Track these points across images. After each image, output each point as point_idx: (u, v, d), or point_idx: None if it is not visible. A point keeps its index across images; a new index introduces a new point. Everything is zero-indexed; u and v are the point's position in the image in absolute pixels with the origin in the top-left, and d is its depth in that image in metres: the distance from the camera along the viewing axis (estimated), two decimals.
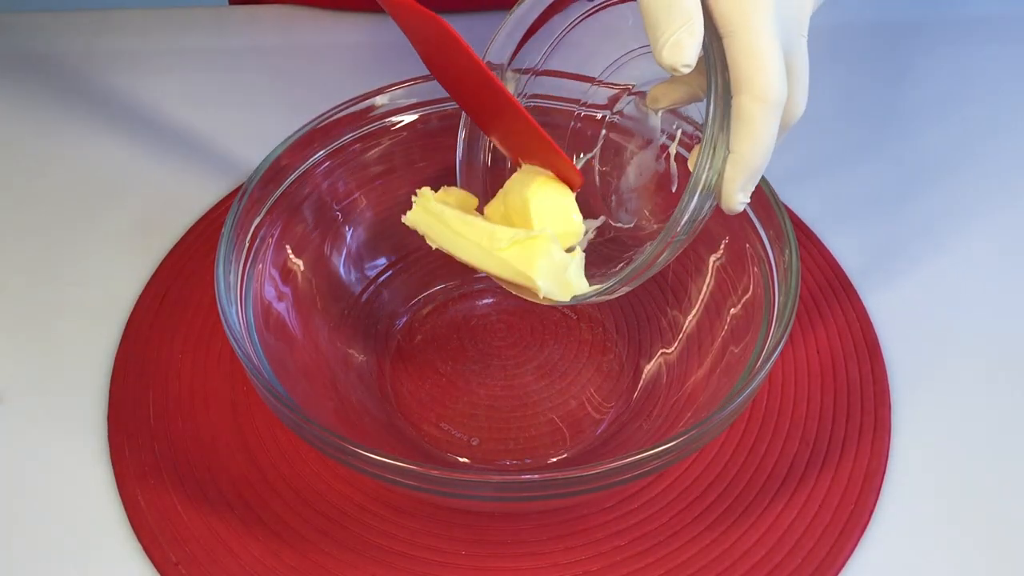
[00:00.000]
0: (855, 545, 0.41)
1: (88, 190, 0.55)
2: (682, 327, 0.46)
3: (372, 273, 0.48)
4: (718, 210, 0.38)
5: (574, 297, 0.39)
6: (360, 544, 0.40)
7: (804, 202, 0.55)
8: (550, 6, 0.39)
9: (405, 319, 0.48)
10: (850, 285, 0.50)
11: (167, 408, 0.45)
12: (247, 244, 0.41)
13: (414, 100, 0.46)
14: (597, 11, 0.39)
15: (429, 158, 0.48)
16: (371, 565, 0.40)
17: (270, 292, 0.42)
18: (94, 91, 0.61)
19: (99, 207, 0.54)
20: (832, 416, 0.45)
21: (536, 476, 0.34)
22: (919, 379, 0.47)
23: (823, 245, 0.53)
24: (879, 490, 0.42)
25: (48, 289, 0.50)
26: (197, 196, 0.54)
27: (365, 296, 0.48)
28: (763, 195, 0.41)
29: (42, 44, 0.64)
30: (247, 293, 0.40)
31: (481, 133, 0.43)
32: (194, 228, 0.53)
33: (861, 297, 0.50)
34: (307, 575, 0.39)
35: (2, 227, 0.53)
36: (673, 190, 0.42)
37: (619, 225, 0.43)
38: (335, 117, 0.44)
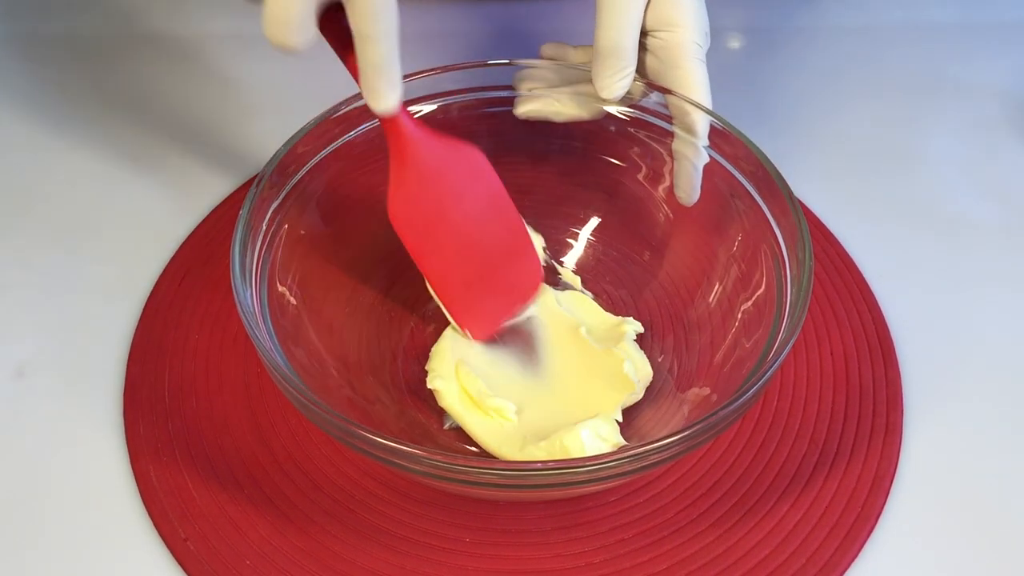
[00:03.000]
0: (860, 548, 0.40)
1: (111, 170, 0.56)
2: (694, 321, 0.46)
3: (387, 261, 0.48)
4: (732, 212, 0.39)
5: None
6: (366, 527, 0.41)
7: (824, 203, 0.54)
8: None
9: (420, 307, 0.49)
10: (867, 287, 0.50)
11: (182, 386, 0.45)
12: (264, 229, 0.41)
13: (432, 91, 0.46)
14: None
15: None
16: (376, 548, 0.40)
17: (285, 277, 0.43)
18: (118, 73, 0.62)
19: (121, 187, 0.55)
20: (843, 418, 0.44)
21: (539, 465, 0.34)
22: (933, 384, 0.46)
23: (841, 247, 0.52)
24: (887, 494, 0.42)
25: (69, 266, 0.51)
26: (219, 181, 0.55)
27: (379, 284, 0.48)
28: (778, 192, 0.41)
29: (72, 26, 0.65)
30: (262, 277, 0.41)
31: None
32: (215, 211, 0.53)
33: (878, 300, 0.49)
34: (313, 556, 0.40)
35: (25, 205, 0.54)
36: None
37: None
38: (354, 106, 0.44)
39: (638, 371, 0.44)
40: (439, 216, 0.43)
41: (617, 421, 0.42)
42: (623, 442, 0.41)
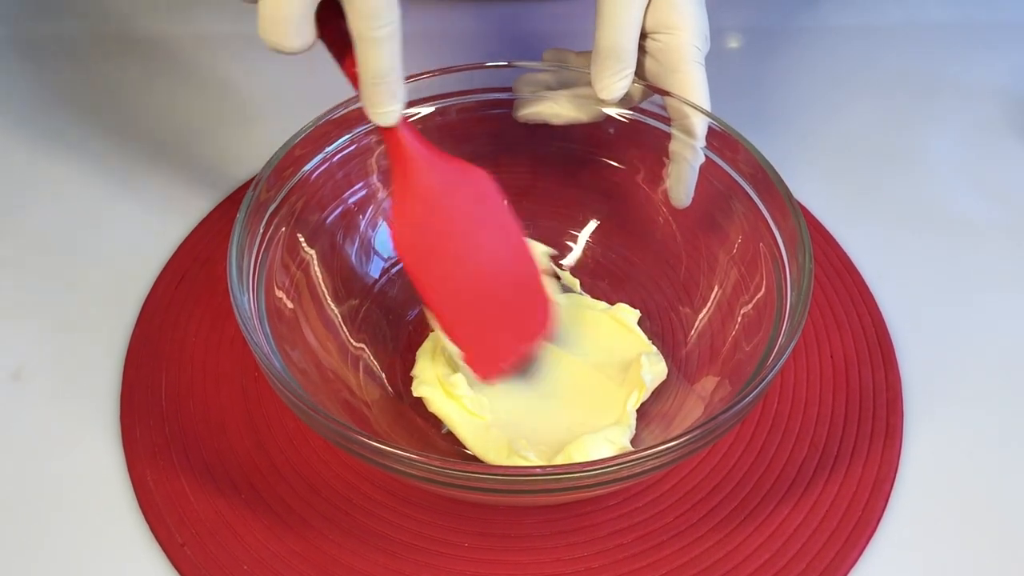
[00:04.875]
0: (860, 553, 0.40)
1: (109, 171, 0.56)
2: (693, 324, 0.45)
3: (385, 264, 0.48)
4: (731, 215, 0.38)
5: None
6: (363, 532, 0.40)
7: (825, 205, 0.54)
8: None
9: (417, 311, 0.48)
10: (867, 290, 0.50)
11: (179, 390, 0.45)
12: (260, 232, 0.41)
13: (430, 93, 0.46)
14: None
15: (444, 150, 0.48)
16: (374, 553, 0.40)
17: (282, 280, 0.42)
18: (114, 74, 0.62)
19: (119, 189, 0.55)
20: (843, 422, 0.44)
21: (538, 471, 0.34)
22: (934, 388, 0.46)
23: (842, 249, 0.52)
24: (887, 498, 0.42)
25: (66, 269, 0.51)
26: (217, 183, 0.55)
27: (377, 287, 0.48)
28: (777, 195, 0.41)
29: (70, 28, 0.65)
30: (259, 281, 0.41)
31: None
32: (213, 212, 0.53)
33: (878, 303, 0.49)
34: (310, 561, 0.39)
35: (22, 207, 0.54)
36: None
37: None
38: (351, 108, 0.44)
39: (653, 370, 0.44)
40: (444, 242, 0.41)
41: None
42: (629, 447, 0.41)
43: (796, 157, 0.57)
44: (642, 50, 0.45)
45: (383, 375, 0.45)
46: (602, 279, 0.49)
